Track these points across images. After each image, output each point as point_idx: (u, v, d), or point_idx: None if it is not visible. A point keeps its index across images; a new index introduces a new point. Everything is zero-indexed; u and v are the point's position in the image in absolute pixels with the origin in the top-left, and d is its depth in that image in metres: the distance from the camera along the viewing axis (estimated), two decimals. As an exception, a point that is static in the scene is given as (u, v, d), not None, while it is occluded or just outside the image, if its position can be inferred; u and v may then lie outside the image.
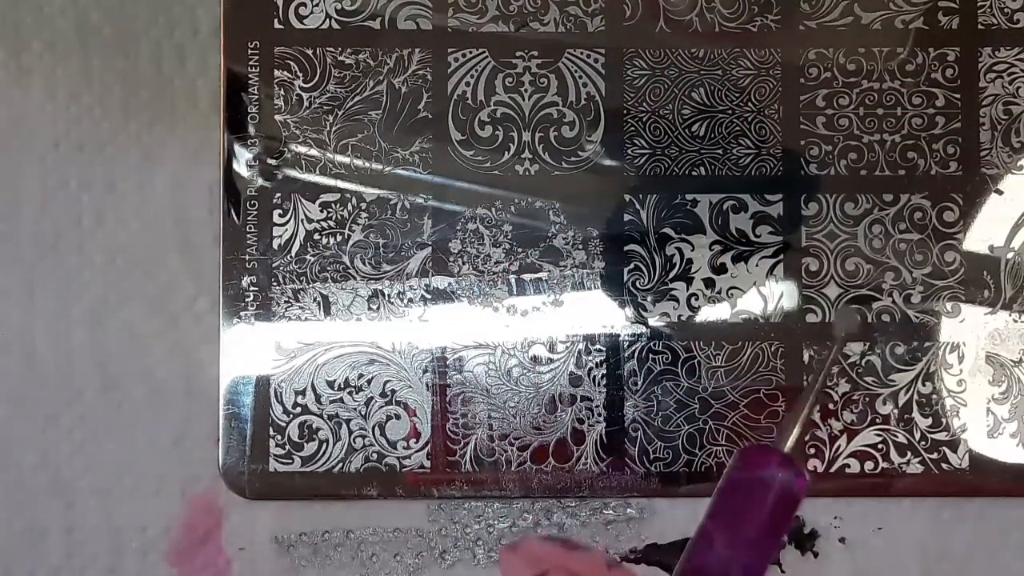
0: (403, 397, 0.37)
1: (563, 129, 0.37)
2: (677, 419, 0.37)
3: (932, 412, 0.37)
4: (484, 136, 0.37)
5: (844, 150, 0.37)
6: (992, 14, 0.37)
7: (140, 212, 0.38)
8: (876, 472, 0.37)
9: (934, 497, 0.37)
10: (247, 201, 0.37)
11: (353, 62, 0.37)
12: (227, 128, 0.37)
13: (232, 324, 0.37)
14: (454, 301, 0.37)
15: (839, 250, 0.37)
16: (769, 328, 0.37)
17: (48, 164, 0.38)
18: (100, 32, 0.38)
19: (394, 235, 0.37)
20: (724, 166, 0.37)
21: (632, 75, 0.37)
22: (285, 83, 0.37)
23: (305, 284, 0.37)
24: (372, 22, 0.37)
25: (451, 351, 0.37)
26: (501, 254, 0.37)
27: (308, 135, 0.37)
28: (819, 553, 0.37)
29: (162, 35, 0.38)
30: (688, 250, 0.37)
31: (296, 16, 0.37)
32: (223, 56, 0.37)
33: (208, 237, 0.38)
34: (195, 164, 0.38)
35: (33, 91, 0.38)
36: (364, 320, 0.37)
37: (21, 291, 0.38)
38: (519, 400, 0.37)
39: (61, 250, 0.38)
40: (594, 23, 0.37)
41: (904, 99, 0.37)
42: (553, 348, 0.37)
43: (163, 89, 0.38)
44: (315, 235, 0.37)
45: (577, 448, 0.37)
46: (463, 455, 0.37)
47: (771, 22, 0.37)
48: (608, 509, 0.37)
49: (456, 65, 0.37)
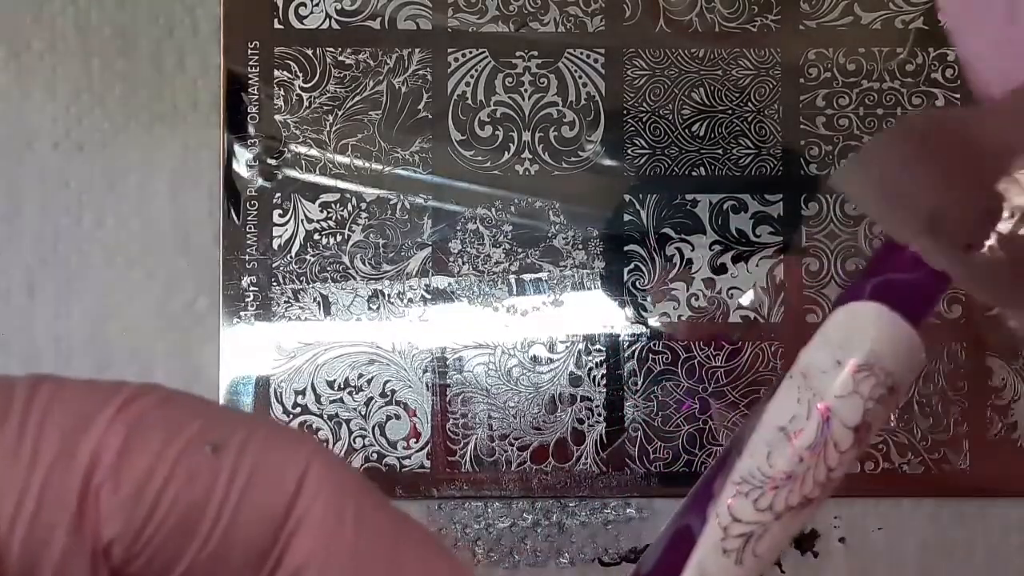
0: (403, 397, 0.37)
1: (563, 129, 0.37)
2: (677, 419, 0.37)
3: (932, 412, 0.37)
4: (484, 136, 0.37)
5: (844, 150, 0.37)
6: (992, 14, 0.37)
7: (140, 212, 0.38)
8: (876, 472, 0.37)
9: (934, 497, 0.37)
10: (247, 201, 0.37)
11: (353, 62, 0.37)
12: (227, 128, 0.37)
13: (232, 324, 0.37)
14: (454, 301, 0.37)
15: (839, 250, 0.37)
16: (769, 328, 0.37)
17: (48, 164, 0.38)
18: (100, 32, 0.38)
19: (394, 235, 0.37)
20: (724, 166, 0.37)
21: (632, 75, 0.37)
22: (285, 83, 0.37)
23: (305, 284, 0.37)
24: (372, 22, 0.37)
25: (451, 351, 0.37)
26: (501, 254, 0.37)
27: (308, 135, 0.37)
28: (819, 553, 0.37)
29: (162, 35, 0.38)
30: (688, 250, 0.37)
31: (296, 16, 0.37)
32: (223, 56, 0.37)
33: (208, 237, 0.38)
34: (195, 164, 0.38)
35: (33, 91, 0.38)
36: (364, 320, 0.37)
37: (21, 291, 0.38)
38: (519, 400, 0.37)
39: (61, 250, 0.38)
40: (594, 23, 0.37)
41: (904, 99, 0.37)
42: (553, 348, 0.37)
43: (163, 89, 0.38)
44: (315, 235, 0.37)
45: (577, 448, 0.37)
46: (463, 455, 0.37)
47: (771, 22, 0.37)
48: (608, 509, 0.37)
49: (456, 65, 0.37)
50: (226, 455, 0.16)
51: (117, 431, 0.16)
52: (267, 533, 0.16)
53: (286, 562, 0.16)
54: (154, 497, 0.16)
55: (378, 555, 0.16)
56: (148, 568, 0.16)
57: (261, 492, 0.16)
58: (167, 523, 0.16)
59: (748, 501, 0.17)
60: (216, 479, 0.16)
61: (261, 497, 0.16)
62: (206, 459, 0.16)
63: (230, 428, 0.16)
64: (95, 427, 0.16)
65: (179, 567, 0.16)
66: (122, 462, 0.16)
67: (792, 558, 0.37)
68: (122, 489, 0.15)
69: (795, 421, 0.17)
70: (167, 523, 0.16)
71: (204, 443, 0.16)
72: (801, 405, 0.17)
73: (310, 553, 0.16)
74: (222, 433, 0.16)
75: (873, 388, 0.17)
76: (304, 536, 0.16)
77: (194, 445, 0.16)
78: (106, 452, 0.16)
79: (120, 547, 0.16)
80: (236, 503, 0.16)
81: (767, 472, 0.17)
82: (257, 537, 0.16)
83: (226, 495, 0.16)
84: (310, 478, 0.16)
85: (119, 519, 0.16)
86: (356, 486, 0.17)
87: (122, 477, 0.16)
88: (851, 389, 0.17)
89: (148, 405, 0.16)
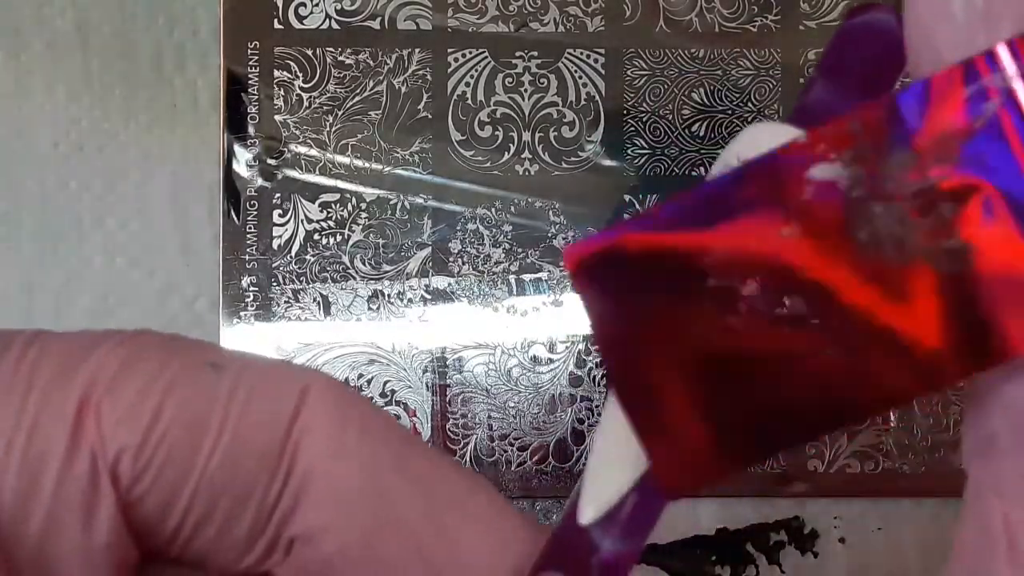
0: (403, 397, 0.37)
1: (563, 129, 0.37)
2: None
3: (932, 412, 0.37)
4: (484, 136, 0.37)
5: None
6: (992, 14, 0.37)
7: (140, 212, 0.38)
8: (876, 472, 0.37)
9: (934, 497, 0.37)
10: (247, 201, 0.37)
11: (353, 62, 0.37)
12: (227, 128, 0.37)
13: (232, 324, 0.37)
14: (454, 301, 0.37)
15: (839, 250, 0.37)
16: (769, 328, 0.37)
17: (48, 164, 0.38)
18: (100, 32, 0.38)
19: (394, 235, 0.37)
20: (724, 166, 0.37)
21: (632, 75, 0.37)
22: (285, 83, 0.37)
23: (305, 284, 0.37)
24: (372, 22, 0.37)
25: (451, 351, 0.37)
26: (501, 254, 0.37)
27: (308, 135, 0.37)
28: (819, 553, 0.37)
29: (162, 35, 0.38)
30: (688, 250, 0.37)
31: (296, 16, 0.37)
32: (223, 56, 0.37)
33: (208, 237, 0.38)
34: (195, 164, 0.38)
35: (33, 91, 0.38)
36: (364, 320, 0.37)
37: (21, 291, 0.38)
38: (519, 400, 0.37)
39: (61, 250, 0.38)
40: (594, 23, 0.37)
41: (904, 99, 0.37)
42: (553, 348, 0.37)
43: (163, 89, 0.38)
44: (315, 235, 0.37)
45: (577, 448, 0.37)
46: (463, 455, 0.37)
47: (771, 22, 0.37)
48: (608, 509, 0.37)
49: (456, 65, 0.37)
50: (227, 373, 0.16)
51: (116, 353, 0.16)
52: (274, 441, 0.16)
53: (296, 470, 0.16)
54: (155, 408, 0.16)
55: (383, 458, 0.16)
56: (159, 483, 0.16)
57: (264, 403, 0.16)
58: (172, 433, 0.16)
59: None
60: (218, 391, 0.16)
61: (265, 406, 0.16)
62: (207, 374, 0.16)
63: (228, 353, 0.17)
64: (94, 354, 0.16)
65: (190, 480, 0.16)
66: (121, 379, 0.16)
67: (792, 558, 0.37)
68: (122, 404, 0.15)
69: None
70: (172, 433, 0.16)
71: (204, 362, 0.16)
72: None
73: (317, 459, 0.16)
74: (221, 356, 0.16)
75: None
76: (310, 444, 0.16)
77: (194, 363, 0.16)
78: (104, 371, 0.16)
79: (127, 460, 0.15)
80: (240, 412, 0.16)
81: None
82: (264, 445, 0.16)
83: (229, 404, 0.16)
84: (311, 392, 0.16)
85: (123, 433, 0.15)
86: (357, 399, 0.17)
87: (121, 393, 0.16)
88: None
89: (147, 335, 0.16)
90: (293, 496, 0.16)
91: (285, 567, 0.17)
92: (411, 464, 0.17)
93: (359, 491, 0.16)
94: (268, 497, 0.16)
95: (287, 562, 0.17)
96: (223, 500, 0.16)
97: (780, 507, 0.37)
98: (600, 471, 0.16)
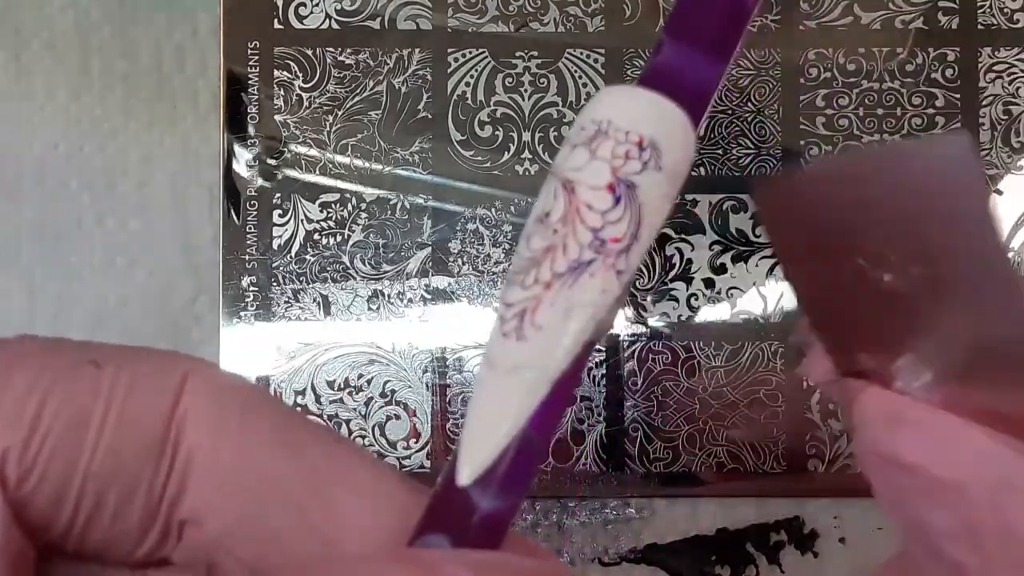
0: (403, 397, 0.37)
1: (563, 129, 0.37)
2: (677, 419, 0.37)
3: (932, 412, 0.37)
4: (484, 136, 0.37)
5: (844, 150, 0.37)
6: (992, 14, 0.37)
7: (140, 212, 0.38)
8: (876, 472, 0.37)
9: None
10: (247, 201, 0.37)
11: (353, 62, 0.37)
12: (227, 128, 0.37)
13: (232, 324, 0.37)
14: (454, 301, 0.37)
15: (839, 250, 0.37)
16: (769, 328, 0.37)
17: (48, 164, 0.38)
18: (100, 32, 0.38)
19: (394, 235, 0.37)
20: (724, 166, 0.37)
21: (632, 75, 0.37)
22: (285, 83, 0.37)
23: (305, 284, 0.37)
24: (372, 22, 0.37)
25: (451, 351, 0.37)
26: (501, 254, 0.37)
27: (308, 135, 0.37)
28: (819, 553, 0.37)
29: (162, 35, 0.38)
30: (688, 250, 0.37)
31: (296, 16, 0.37)
32: (223, 56, 0.37)
33: (208, 237, 0.38)
34: (195, 164, 0.38)
35: (33, 91, 0.38)
36: (364, 320, 0.37)
37: (21, 291, 0.38)
38: (519, 400, 0.37)
39: (61, 250, 0.38)
40: (594, 23, 0.37)
41: (904, 99, 0.37)
42: (553, 348, 0.37)
43: (163, 89, 0.38)
44: (315, 235, 0.37)
45: (577, 448, 0.37)
46: (463, 455, 0.37)
47: (771, 22, 0.37)
48: (608, 509, 0.37)
49: (456, 65, 0.37)
50: (107, 368, 0.16)
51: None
52: (156, 429, 0.16)
53: (180, 455, 0.16)
54: (37, 408, 0.16)
55: (264, 436, 0.17)
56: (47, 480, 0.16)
57: (144, 393, 0.16)
58: (55, 431, 0.16)
59: (516, 286, 0.17)
60: (99, 386, 0.16)
61: (145, 397, 0.16)
62: (88, 371, 0.16)
63: (109, 349, 0.17)
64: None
65: (77, 474, 0.16)
66: (2, 383, 0.16)
67: (792, 558, 0.37)
68: (4, 406, 0.16)
69: (547, 205, 0.17)
70: (55, 431, 0.16)
71: (85, 360, 0.17)
72: (550, 191, 0.17)
73: (198, 442, 0.16)
74: (102, 353, 0.17)
75: (615, 148, 0.17)
76: (191, 429, 0.17)
77: (75, 362, 0.16)
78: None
79: (13, 459, 0.16)
80: (121, 405, 0.16)
81: (527, 255, 0.17)
82: (147, 434, 0.16)
83: (110, 398, 0.16)
84: (191, 379, 0.17)
85: (6, 434, 0.16)
86: (238, 382, 0.17)
87: (3, 396, 0.16)
88: (587, 158, 0.17)
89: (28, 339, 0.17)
90: (179, 481, 0.17)
91: (179, 551, 0.17)
92: (292, 439, 0.17)
93: (240, 470, 0.17)
94: (155, 484, 0.16)
95: (180, 546, 0.17)
96: (112, 491, 0.16)
97: (780, 507, 0.37)
98: (476, 434, 0.17)
